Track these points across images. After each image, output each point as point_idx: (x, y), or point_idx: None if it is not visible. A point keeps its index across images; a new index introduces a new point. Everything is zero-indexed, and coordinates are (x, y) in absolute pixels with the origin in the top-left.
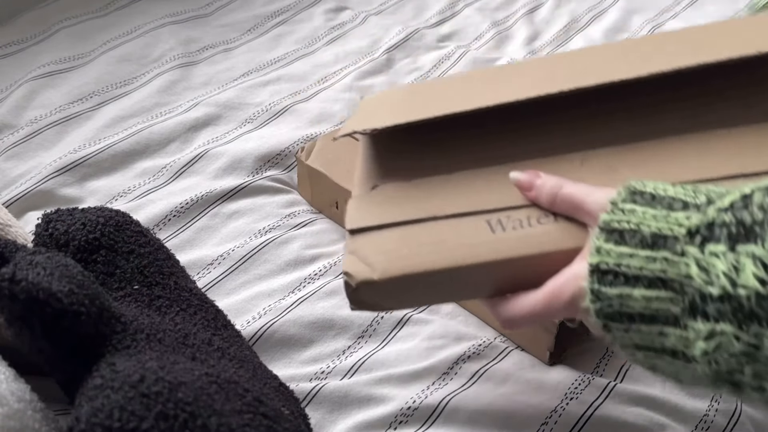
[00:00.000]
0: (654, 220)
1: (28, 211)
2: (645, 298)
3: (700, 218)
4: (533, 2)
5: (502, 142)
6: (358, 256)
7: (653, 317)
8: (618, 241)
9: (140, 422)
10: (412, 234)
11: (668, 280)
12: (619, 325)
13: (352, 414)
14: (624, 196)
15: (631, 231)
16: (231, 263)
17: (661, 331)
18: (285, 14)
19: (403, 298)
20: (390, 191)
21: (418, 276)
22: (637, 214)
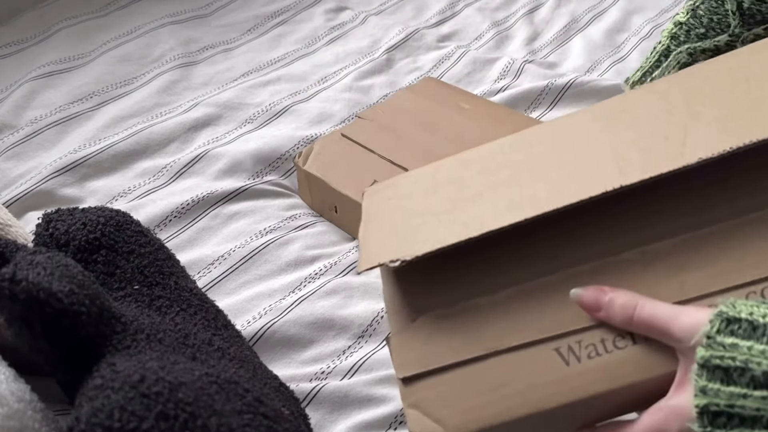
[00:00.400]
0: (763, 356)
1: (29, 211)
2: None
3: None
4: (533, 2)
5: (548, 250)
6: (422, 411)
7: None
8: (725, 380)
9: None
10: (475, 376)
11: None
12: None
13: (352, 414)
14: (719, 327)
15: (739, 369)
16: (231, 263)
17: None
18: (285, 14)
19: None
20: (434, 323)
21: (493, 428)
22: (741, 350)
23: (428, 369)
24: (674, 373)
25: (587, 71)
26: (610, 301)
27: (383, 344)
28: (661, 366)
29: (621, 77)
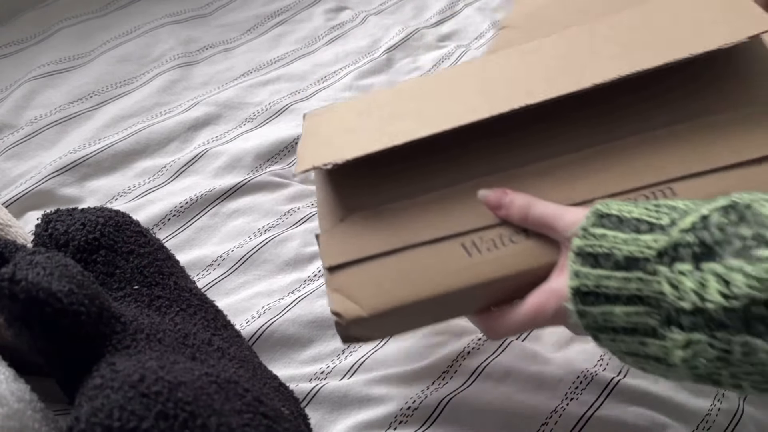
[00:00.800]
0: (624, 243)
1: (28, 211)
2: (625, 314)
3: (666, 240)
4: None
5: (463, 162)
6: (344, 294)
7: (634, 329)
8: (594, 264)
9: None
10: (391, 265)
11: (644, 297)
12: (605, 335)
13: (352, 414)
14: (593, 221)
15: (605, 255)
16: (230, 264)
17: (642, 341)
18: (285, 14)
19: (392, 328)
20: (359, 222)
21: (404, 307)
22: (608, 239)
23: (351, 259)
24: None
25: None
26: (510, 202)
27: (383, 343)
28: (547, 255)
29: None
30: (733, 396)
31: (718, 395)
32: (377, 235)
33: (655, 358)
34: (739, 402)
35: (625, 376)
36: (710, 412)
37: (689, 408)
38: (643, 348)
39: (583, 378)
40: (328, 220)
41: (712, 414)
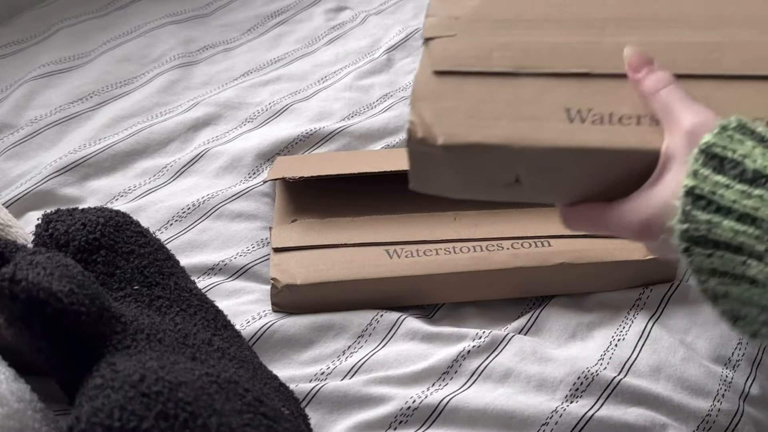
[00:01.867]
0: (762, 157)
1: (29, 211)
2: (733, 230)
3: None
4: None
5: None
6: (283, 268)
7: (739, 248)
8: (717, 169)
9: (140, 422)
10: (325, 256)
11: (758, 218)
12: (702, 249)
13: (352, 414)
14: (735, 125)
15: (734, 162)
16: (232, 271)
17: (745, 261)
18: (285, 14)
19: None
20: (306, 225)
21: (330, 284)
22: (746, 146)
23: (294, 245)
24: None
25: None
26: (651, 70)
27: (383, 344)
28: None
29: None
30: (733, 396)
31: (718, 396)
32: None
33: (752, 280)
34: (739, 402)
35: (625, 376)
36: (710, 412)
37: (689, 408)
38: (743, 268)
39: (584, 378)
40: (281, 220)
41: (712, 414)
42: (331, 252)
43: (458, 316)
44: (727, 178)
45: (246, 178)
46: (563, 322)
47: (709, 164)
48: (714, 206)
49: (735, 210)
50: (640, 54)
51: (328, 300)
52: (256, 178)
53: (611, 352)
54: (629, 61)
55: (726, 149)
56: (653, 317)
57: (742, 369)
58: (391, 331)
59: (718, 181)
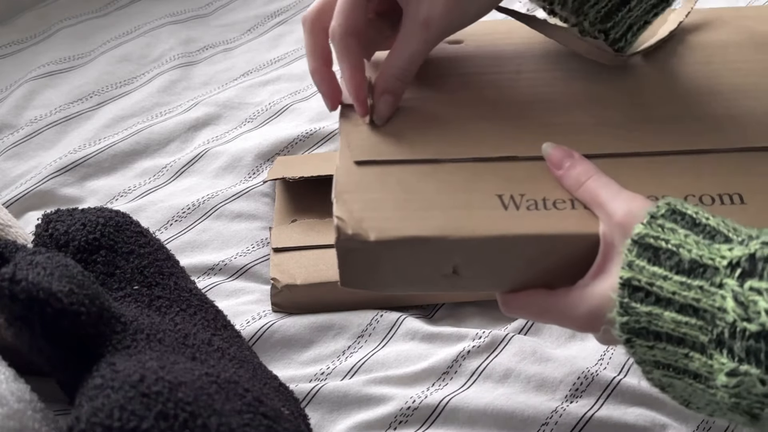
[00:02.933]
0: (696, 246)
1: (28, 211)
2: (674, 321)
3: (742, 251)
4: None
5: None
6: (283, 269)
7: (681, 340)
8: (652, 260)
9: (140, 422)
10: (325, 256)
11: (701, 309)
12: (643, 341)
13: (352, 414)
14: (664, 212)
15: (668, 251)
16: (232, 271)
17: (687, 354)
18: (285, 14)
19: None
20: (306, 225)
21: (330, 284)
22: (678, 236)
23: (293, 246)
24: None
25: None
26: (572, 165)
27: (383, 344)
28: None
29: None
30: None
31: None
32: (318, 234)
33: (695, 374)
34: None
35: (625, 376)
36: None
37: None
38: (685, 361)
39: (584, 378)
40: (280, 221)
41: None
42: (331, 252)
43: (458, 316)
44: (664, 269)
45: (246, 178)
46: None
47: (643, 255)
48: (653, 297)
49: (676, 301)
50: (558, 149)
51: (328, 300)
52: (256, 178)
53: (611, 352)
54: (549, 157)
55: (659, 240)
56: None
57: None
58: (391, 331)
59: (656, 272)
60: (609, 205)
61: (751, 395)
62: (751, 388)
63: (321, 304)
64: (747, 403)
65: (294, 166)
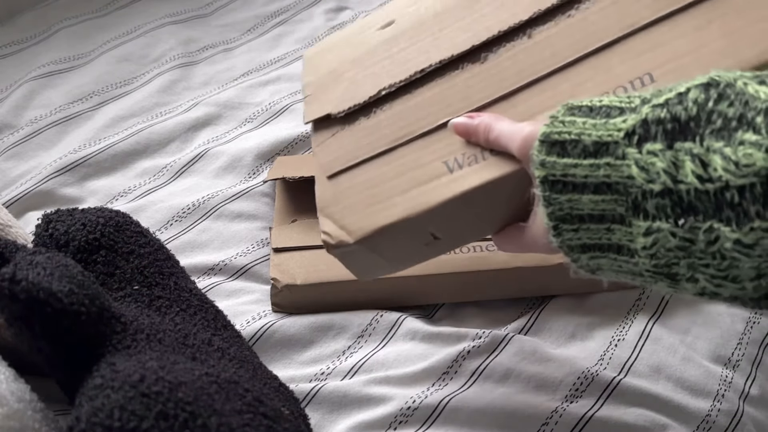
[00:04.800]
0: (594, 128)
1: (28, 212)
2: (593, 201)
3: (635, 118)
4: None
5: None
6: (283, 269)
7: (601, 216)
8: (560, 153)
9: (140, 422)
10: (325, 256)
11: (613, 184)
12: (569, 226)
13: (352, 414)
14: (562, 111)
15: (573, 141)
16: (232, 271)
17: (609, 228)
18: (285, 14)
19: (316, 303)
20: (306, 225)
21: (330, 284)
22: (577, 125)
23: (293, 246)
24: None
25: None
26: (476, 127)
27: (383, 344)
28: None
29: None
30: (733, 397)
31: (718, 396)
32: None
33: (617, 247)
34: (739, 403)
35: (625, 376)
36: (710, 412)
37: (689, 408)
38: (608, 235)
39: (584, 379)
40: (280, 221)
41: (712, 415)
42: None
43: (458, 316)
44: (573, 158)
45: (246, 178)
46: (563, 322)
47: (552, 151)
48: (570, 186)
49: (590, 183)
50: (459, 123)
51: (328, 300)
52: (256, 178)
53: (611, 352)
54: (456, 131)
55: (562, 134)
56: (653, 317)
57: (742, 369)
58: (391, 331)
59: (567, 163)
60: (512, 135)
61: (667, 252)
62: (666, 243)
63: (321, 304)
64: (665, 261)
65: (294, 166)
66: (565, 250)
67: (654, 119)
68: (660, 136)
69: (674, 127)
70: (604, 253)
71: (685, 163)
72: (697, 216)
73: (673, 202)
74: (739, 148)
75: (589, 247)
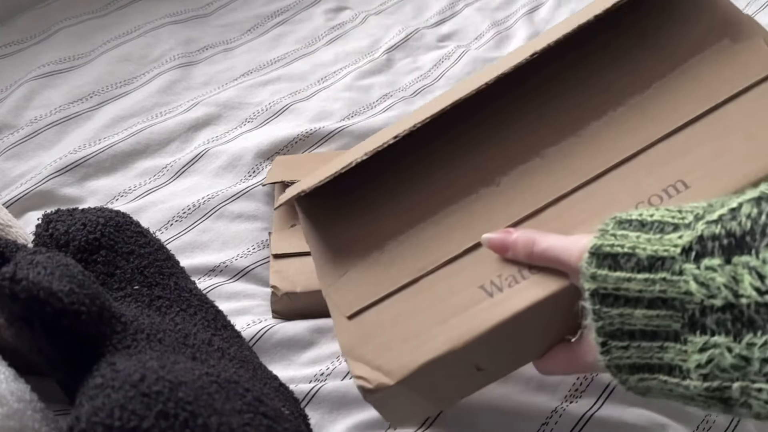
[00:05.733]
0: (648, 243)
1: (29, 212)
2: (646, 317)
3: (691, 234)
4: (533, 2)
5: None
6: (283, 276)
7: (654, 333)
8: (612, 266)
9: (141, 421)
10: None
11: (668, 299)
12: (619, 342)
13: (352, 414)
14: (611, 225)
15: (626, 255)
16: (233, 272)
17: (662, 346)
18: (285, 14)
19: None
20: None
21: None
22: (630, 239)
23: (293, 252)
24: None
25: None
26: (514, 242)
27: None
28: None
29: None
30: None
31: None
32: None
33: (669, 367)
34: None
35: None
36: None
37: (689, 408)
38: (660, 354)
39: (584, 378)
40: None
41: (712, 414)
42: None
43: None
44: (626, 272)
45: (246, 177)
46: None
47: (603, 264)
48: (622, 300)
49: (644, 298)
50: (494, 236)
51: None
52: (256, 177)
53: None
54: (491, 246)
55: (614, 246)
56: None
57: None
58: None
59: (619, 277)
60: (564, 255)
61: (722, 373)
62: (721, 362)
63: (321, 311)
64: (717, 384)
65: (293, 166)
66: (613, 370)
67: (710, 235)
68: (717, 251)
69: (731, 243)
70: (654, 375)
71: (743, 276)
72: (756, 331)
73: (734, 317)
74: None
75: (639, 368)
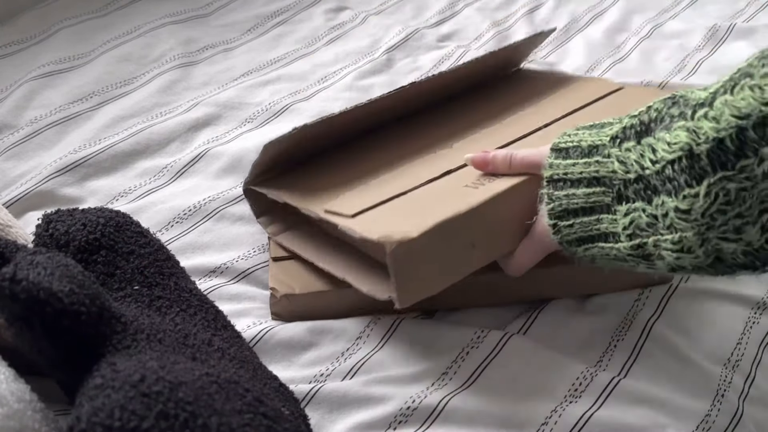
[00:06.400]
0: (590, 136)
1: (29, 212)
2: (585, 194)
3: (619, 126)
4: (533, 2)
5: None
6: (281, 278)
7: (592, 209)
8: (564, 156)
9: (141, 421)
10: None
11: (601, 178)
12: (565, 222)
13: (352, 414)
14: (572, 129)
15: (574, 147)
16: (234, 274)
17: (598, 218)
18: (285, 14)
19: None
20: None
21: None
22: (579, 135)
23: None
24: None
25: (587, 71)
26: (494, 157)
27: (382, 344)
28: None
29: (621, 77)
30: (733, 397)
31: (718, 396)
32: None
33: (605, 235)
34: (739, 403)
35: (625, 376)
36: (710, 412)
37: (689, 408)
38: (597, 225)
39: (583, 379)
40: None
41: (712, 415)
42: None
43: (458, 316)
44: (572, 159)
45: None
46: (563, 322)
47: (558, 156)
48: (569, 182)
49: (584, 178)
50: (476, 156)
51: (327, 309)
52: None
53: (611, 352)
54: (473, 163)
55: (567, 141)
56: (652, 318)
57: (742, 369)
58: (389, 332)
59: (568, 164)
60: (538, 158)
61: (641, 232)
62: (639, 222)
63: (320, 313)
64: (638, 242)
65: None
66: (564, 245)
67: (629, 125)
68: (632, 136)
69: (641, 129)
70: (594, 243)
71: (645, 152)
72: (659, 194)
73: (645, 186)
74: (672, 133)
75: (583, 240)
